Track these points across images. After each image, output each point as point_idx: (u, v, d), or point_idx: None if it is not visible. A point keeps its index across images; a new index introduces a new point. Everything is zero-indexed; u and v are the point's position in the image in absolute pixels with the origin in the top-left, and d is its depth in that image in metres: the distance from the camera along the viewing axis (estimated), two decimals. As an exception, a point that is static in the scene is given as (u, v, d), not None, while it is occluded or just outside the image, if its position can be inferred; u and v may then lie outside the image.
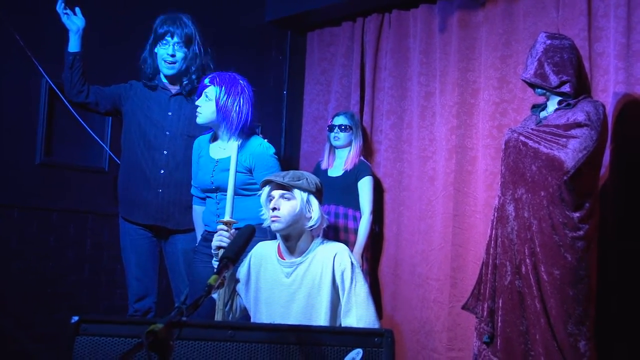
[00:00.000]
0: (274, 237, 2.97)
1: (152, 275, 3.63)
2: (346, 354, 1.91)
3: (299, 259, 2.84)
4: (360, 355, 1.90)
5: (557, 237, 3.06)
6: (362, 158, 4.44)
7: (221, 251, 2.84)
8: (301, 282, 2.80)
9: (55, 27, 4.04)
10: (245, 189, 3.32)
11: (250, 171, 3.33)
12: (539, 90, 3.28)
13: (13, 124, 3.92)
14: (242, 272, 2.95)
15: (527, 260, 3.13)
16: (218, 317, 2.83)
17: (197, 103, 3.31)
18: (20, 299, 3.86)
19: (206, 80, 3.33)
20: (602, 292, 3.25)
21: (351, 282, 2.75)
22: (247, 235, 2.05)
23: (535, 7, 4.04)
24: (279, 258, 2.88)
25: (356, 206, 4.31)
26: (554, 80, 3.17)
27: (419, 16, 4.65)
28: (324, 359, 1.91)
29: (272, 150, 3.39)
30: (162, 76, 3.69)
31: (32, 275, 3.93)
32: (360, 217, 4.29)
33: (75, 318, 1.96)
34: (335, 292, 2.77)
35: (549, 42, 3.21)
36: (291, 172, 2.92)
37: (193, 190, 3.53)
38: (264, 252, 2.94)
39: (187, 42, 3.64)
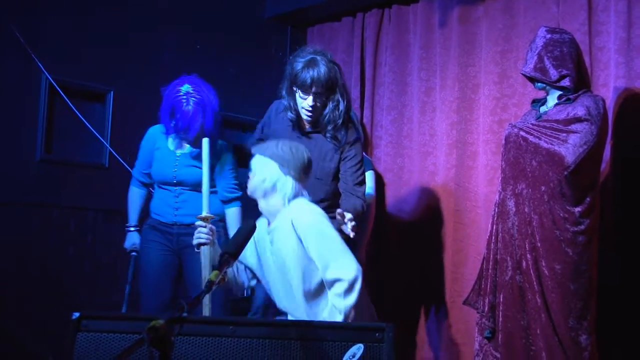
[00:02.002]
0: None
1: None
2: (347, 349, 1.92)
3: (273, 224, 2.85)
4: (361, 351, 1.90)
5: (558, 231, 3.06)
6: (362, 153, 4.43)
7: (204, 247, 2.89)
8: (278, 248, 2.80)
9: (55, 24, 4.04)
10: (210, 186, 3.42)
11: (212, 167, 3.40)
12: (539, 84, 3.27)
13: (13, 120, 3.91)
14: (249, 248, 2.96)
15: (528, 255, 3.13)
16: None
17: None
18: (21, 295, 3.86)
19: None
20: (602, 286, 3.25)
21: (312, 241, 2.71)
22: (248, 232, 2.04)
23: (536, 1, 4.03)
24: (267, 226, 2.90)
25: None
26: (553, 74, 3.17)
27: (419, 11, 4.64)
28: (325, 354, 1.91)
29: (226, 145, 3.60)
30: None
31: (33, 272, 3.93)
32: (361, 213, 4.28)
33: (76, 314, 1.96)
34: (304, 254, 2.74)
35: (549, 36, 3.21)
36: (266, 143, 2.92)
37: (136, 173, 3.64)
38: (261, 224, 2.96)
39: (327, 90, 3.17)
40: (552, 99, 3.27)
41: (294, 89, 3.20)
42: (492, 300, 3.29)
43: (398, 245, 4.55)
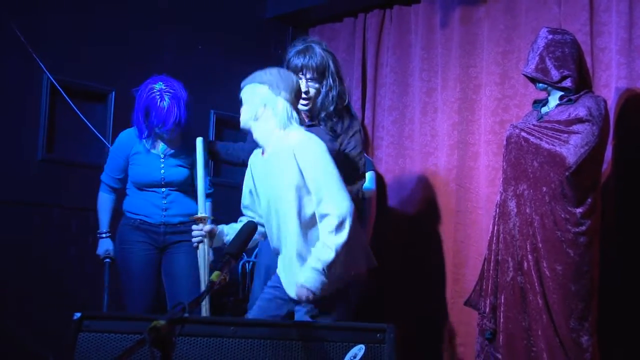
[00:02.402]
0: None
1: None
2: (348, 350, 1.92)
3: (268, 151, 2.84)
4: (362, 351, 1.90)
5: (559, 232, 3.06)
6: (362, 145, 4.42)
7: (201, 246, 2.90)
8: (276, 175, 2.78)
9: (56, 24, 4.04)
10: (190, 183, 3.62)
11: (192, 167, 3.58)
12: (540, 85, 3.27)
13: (14, 120, 3.92)
14: (247, 182, 2.97)
15: (529, 256, 3.13)
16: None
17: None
18: (22, 295, 3.86)
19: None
20: (604, 287, 3.25)
21: (311, 173, 2.71)
22: (249, 232, 2.05)
23: (537, 2, 4.03)
24: (261, 155, 2.89)
25: (358, 202, 4.30)
26: (555, 75, 3.17)
27: (420, 12, 4.64)
28: (326, 355, 1.91)
29: (203, 139, 3.57)
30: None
31: (34, 272, 3.93)
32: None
33: (78, 315, 1.96)
34: (303, 185, 2.73)
35: (550, 37, 3.21)
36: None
37: (106, 179, 3.65)
38: (255, 154, 2.97)
39: (320, 76, 3.24)
40: (554, 99, 3.27)
41: None
42: (493, 301, 3.29)
43: (399, 246, 4.54)
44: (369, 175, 4.30)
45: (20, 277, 3.87)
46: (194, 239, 2.91)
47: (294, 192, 2.72)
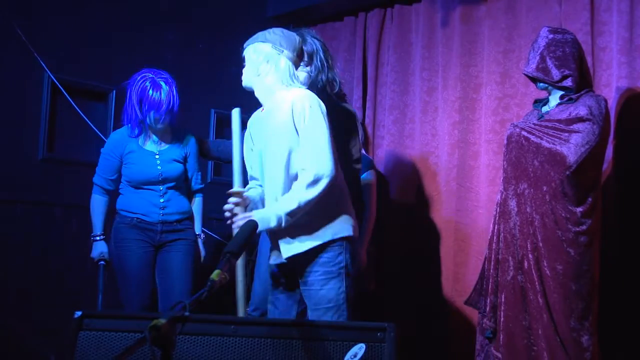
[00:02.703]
0: None
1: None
2: (349, 349, 1.92)
3: (267, 106, 2.86)
4: (362, 350, 1.90)
5: (560, 232, 3.06)
6: (363, 152, 4.43)
7: (239, 217, 2.78)
8: (272, 127, 2.79)
9: (57, 23, 4.05)
10: (184, 179, 3.71)
11: (185, 161, 3.70)
12: (541, 84, 3.28)
13: (15, 119, 3.92)
14: (247, 144, 2.99)
15: (530, 255, 3.13)
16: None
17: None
18: (23, 293, 3.86)
19: None
20: (604, 286, 3.25)
21: (303, 125, 2.72)
22: (250, 231, 2.04)
23: (538, 1, 4.03)
24: (260, 112, 2.91)
25: (358, 201, 4.30)
26: (555, 74, 3.17)
27: (421, 11, 4.64)
28: (326, 354, 1.92)
29: (193, 136, 3.79)
30: None
31: (35, 270, 3.93)
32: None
33: (79, 313, 1.96)
34: (295, 138, 2.75)
35: (551, 36, 3.21)
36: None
37: (100, 181, 3.65)
38: (254, 115, 2.99)
39: (308, 60, 3.38)
40: (554, 99, 3.27)
41: None
42: (493, 300, 3.29)
43: (399, 244, 4.54)
44: (368, 174, 4.31)
45: (21, 275, 3.87)
46: (226, 213, 2.83)
47: (286, 144, 2.72)
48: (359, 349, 1.90)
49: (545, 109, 3.32)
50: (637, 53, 3.62)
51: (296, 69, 2.89)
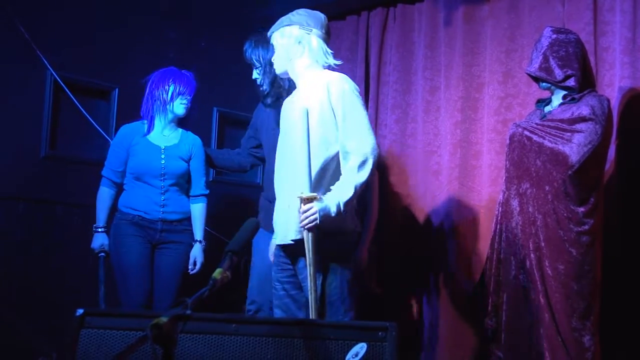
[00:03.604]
0: None
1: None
2: (350, 348, 1.92)
3: (300, 87, 2.91)
4: (364, 350, 1.90)
5: (562, 231, 3.06)
6: None
7: (310, 234, 2.71)
8: (300, 102, 2.83)
9: (60, 21, 4.05)
10: (186, 179, 3.72)
11: (189, 160, 3.71)
12: (544, 84, 3.27)
13: (18, 117, 3.92)
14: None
15: (532, 255, 3.13)
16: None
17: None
18: (25, 291, 3.87)
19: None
20: (606, 287, 3.24)
21: (342, 108, 2.77)
22: (251, 229, 2.04)
23: (541, 1, 4.02)
24: (293, 97, 2.96)
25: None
26: (558, 74, 3.17)
27: (424, 10, 4.63)
28: (328, 353, 1.92)
29: (202, 144, 3.82)
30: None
31: (36, 268, 3.94)
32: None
33: (80, 311, 1.97)
34: (328, 118, 2.78)
35: (554, 36, 3.21)
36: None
37: (108, 173, 3.69)
38: (287, 99, 3.05)
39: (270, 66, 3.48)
40: (557, 98, 3.27)
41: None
42: (495, 299, 3.29)
43: (401, 244, 4.54)
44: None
45: (23, 273, 3.88)
46: (307, 225, 2.69)
47: (316, 115, 2.75)
48: (361, 348, 1.91)
49: (547, 108, 3.32)
50: (639, 53, 3.62)
51: (327, 45, 2.92)
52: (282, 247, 2.95)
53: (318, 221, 2.67)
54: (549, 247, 3.08)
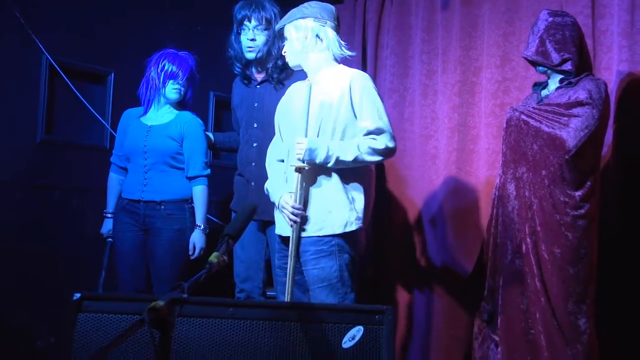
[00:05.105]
0: None
1: (257, 262, 3.67)
2: (347, 332, 1.92)
3: (317, 77, 2.95)
4: (360, 333, 1.91)
5: (558, 216, 3.06)
6: None
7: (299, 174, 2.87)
8: (320, 101, 2.88)
9: (55, 4, 4.02)
10: (175, 159, 3.60)
11: (181, 141, 3.60)
12: (541, 67, 3.26)
13: (13, 102, 3.90)
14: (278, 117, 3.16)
15: (528, 239, 3.13)
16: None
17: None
18: (22, 276, 3.87)
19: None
20: (602, 270, 3.25)
21: (364, 103, 2.84)
22: (249, 213, 2.04)
23: (539, -16, 4.00)
24: (304, 84, 2.99)
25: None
26: (555, 57, 3.16)
27: (421, -7, 4.61)
28: (324, 336, 1.92)
29: (201, 122, 3.73)
30: (253, 67, 3.71)
31: (33, 253, 3.93)
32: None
33: (77, 295, 1.97)
34: (347, 110, 2.85)
35: (550, 19, 3.19)
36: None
37: (114, 158, 3.74)
38: (297, 84, 3.12)
39: (266, 25, 3.53)
40: (554, 82, 3.26)
41: (238, 31, 3.54)
42: (491, 283, 3.30)
43: (398, 228, 4.55)
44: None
45: (20, 259, 3.87)
46: (288, 217, 2.91)
47: (340, 109, 2.82)
48: (357, 331, 1.91)
49: (544, 92, 3.31)
50: (638, 36, 3.60)
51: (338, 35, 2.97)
52: (282, 237, 3.01)
53: (302, 156, 2.75)
54: (545, 231, 3.08)
